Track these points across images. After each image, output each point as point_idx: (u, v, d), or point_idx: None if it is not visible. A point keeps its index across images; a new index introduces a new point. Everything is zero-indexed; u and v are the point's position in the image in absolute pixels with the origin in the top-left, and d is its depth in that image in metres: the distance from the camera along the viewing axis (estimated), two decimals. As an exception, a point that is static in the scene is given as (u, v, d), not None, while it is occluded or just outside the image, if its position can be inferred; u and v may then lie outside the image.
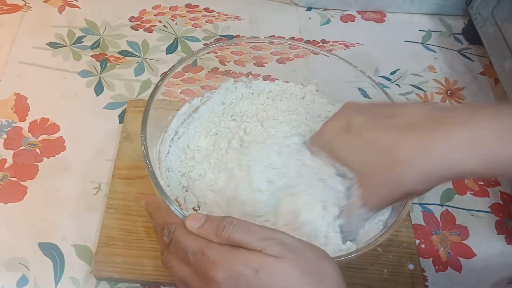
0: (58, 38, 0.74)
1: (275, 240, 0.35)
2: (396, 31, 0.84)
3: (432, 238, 0.59)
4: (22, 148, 0.61)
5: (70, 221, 0.56)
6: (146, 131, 0.46)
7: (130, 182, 0.57)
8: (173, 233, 0.38)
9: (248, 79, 0.60)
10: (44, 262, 0.53)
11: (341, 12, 0.86)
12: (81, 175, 0.60)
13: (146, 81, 0.70)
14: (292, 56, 0.62)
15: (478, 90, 0.77)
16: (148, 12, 0.81)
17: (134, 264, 0.51)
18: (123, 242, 0.53)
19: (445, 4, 0.85)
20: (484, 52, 0.79)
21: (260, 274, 0.33)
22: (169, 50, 0.75)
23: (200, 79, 0.59)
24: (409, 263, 0.54)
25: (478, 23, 0.78)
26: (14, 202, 0.57)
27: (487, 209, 0.63)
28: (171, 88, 0.54)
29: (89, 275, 0.52)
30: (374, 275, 0.53)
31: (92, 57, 0.73)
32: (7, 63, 0.70)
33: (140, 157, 0.52)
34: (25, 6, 0.78)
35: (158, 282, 0.52)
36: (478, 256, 0.58)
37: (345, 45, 0.80)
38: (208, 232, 0.36)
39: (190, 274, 0.36)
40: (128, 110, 0.64)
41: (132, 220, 0.54)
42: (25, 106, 0.66)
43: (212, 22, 0.81)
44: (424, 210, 0.62)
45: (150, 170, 0.44)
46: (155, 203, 0.42)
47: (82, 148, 0.62)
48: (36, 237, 0.54)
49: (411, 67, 0.78)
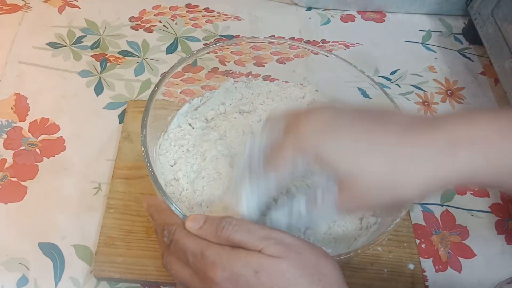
0: (58, 38, 0.74)
1: (274, 239, 0.35)
2: (396, 31, 0.84)
3: (432, 238, 0.59)
4: (22, 148, 0.61)
5: (70, 221, 0.56)
6: (146, 131, 0.47)
7: (130, 182, 0.57)
8: (173, 234, 0.38)
9: (248, 79, 0.60)
10: (44, 262, 0.53)
11: (341, 12, 0.86)
12: (81, 175, 0.60)
13: (146, 81, 0.70)
14: (292, 56, 0.61)
15: (478, 90, 0.77)
16: (148, 12, 0.81)
17: (134, 264, 0.51)
18: (123, 242, 0.53)
19: (445, 4, 0.85)
20: (484, 52, 0.79)
21: (260, 275, 0.33)
22: (169, 50, 0.75)
23: (200, 79, 0.59)
24: (409, 263, 0.54)
25: (478, 23, 0.78)
26: (14, 202, 0.57)
27: (487, 209, 0.63)
28: (171, 88, 0.54)
29: (89, 275, 0.52)
30: (374, 274, 0.53)
31: (92, 57, 0.73)
32: (7, 63, 0.70)
33: (140, 157, 0.52)
34: (25, 6, 0.78)
35: (158, 282, 0.52)
36: (478, 256, 0.58)
37: (345, 45, 0.80)
38: (207, 233, 0.36)
39: (190, 275, 0.36)
40: (128, 110, 0.64)
41: (132, 220, 0.54)
42: (25, 106, 0.66)
43: (212, 22, 0.81)
44: (424, 210, 0.62)
45: (150, 170, 0.44)
46: (156, 205, 0.42)
47: (82, 148, 0.62)
48: (36, 237, 0.54)
49: (411, 67, 0.78)
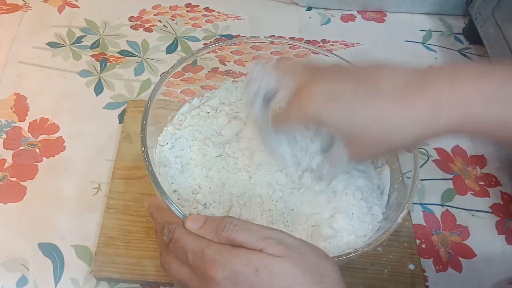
0: (58, 38, 0.74)
1: (275, 239, 0.35)
2: (397, 31, 0.84)
3: (432, 238, 0.59)
4: (21, 148, 0.61)
5: (69, 221, 0.56)
6: (146, 131, 0.46)
7: (129, 182, 0.57)
8: (173, 233, 0.38)
9: (248, 79, 0.60)
10: (44, 263, 0.53)
11: (342, 11, 0.86)
12: (80, 175, 0.60)
13: (146, 81, 0.70)
14: (292, 56, 0.61)
15: (479, 90, 0.77)
16: (148, 12, 0.81)
17: (133, 264, 0.51)
18: (123, 242, 0.53)
19: (445, 4, 0.85)
20: (485, 52, 0.79)
21: (260, 273, 0.33)
22: (169, 50, 0.75)
23: (200, 79, 0.59)
24: (409, 263, 0.54)
25: (478, 23, 0.78)
26: (13, 202, 0.57)
27: (487, 209, 0.63)
28: (171, 88, 0.54)
29: (88, 275, 0.52)
30: (374, 275, 0.53)
31: (92, 57, 0.72)
32: (6, 63, 0.70)
33: (139, 157, 0.52)
34: (24, 5, 0.78)
35: (158, 283, 0.51)
36: (479, 256, 0.58)
37: (345, 45, 0.80)
38: (208, 232, 0.36)
39: (189, 274, 0.36)
40: (128, 110, 0.64)
41: (132, 220, 0.54)
42: (24, 106, 0.65)
43: (212, 22, 0.80)
44: (425, 210, 0.61)
45: (149, 170, 0.43)
46: (157, 204, 0.42)
47: (81, 148, 0.62)
48: (36, 238, 0.54)
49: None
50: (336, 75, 0.41)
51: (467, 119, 0.36)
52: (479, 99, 0.35)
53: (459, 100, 0.36)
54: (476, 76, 0.36)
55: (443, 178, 0.65)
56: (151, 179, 0.43)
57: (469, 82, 0.36)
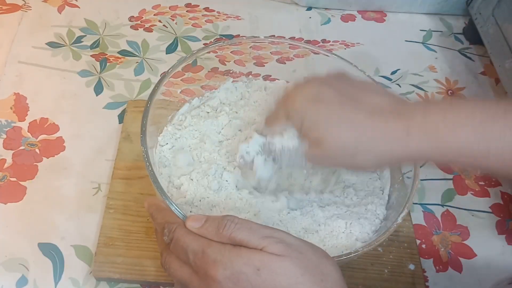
0: (58, 37, 0.74)
1: (276, 238, 0.35)
2: (397, 31, 0.84)
3: (432, 238, 0.59)
4: (21, 148, 0.61)
5: (69, 221, 0.56)
6: (146, 131, 0.46)
7: (129, 182, 0.57)
8: (173, 232, 0.38)
9: (248, 79, 0.59)
10: (44, 263, 0.53)
11: (342, 11, 0.86)
12: (80, 175, 0.60)
13: (146, 81, 0.70)
14: (293, 56, 0.61)
15: (479, 90, 0.77)
16: (148, 11, 0.81)
17: (133, 264, 0.51)
18: (122, 243, 0.53)
19: (445, 4, 0.85)
20: (485, 52, 0.79)
21: (261, 272, 0.33)
22: (169, 50, 0.75)
23: (200, 79, 0.59)
24: (409, 263, 0.54)
25: (478, 23, 0.78)
26: (13, 202, 0.57)
27: (487, 209, 0.63)
28: (171, 88, 0.54)
29: (88, 275, 0.52)
30: (374, 275, 0.53)
31: (92, 57, 0.72)
32: (6, 63, 0.70)
33: (139, 157, 0.52)
34: (24, 5, 0.78)
35: (158, 283, 0.51)
36: (479, 257, 0.58)
37: (345, 45, 0.80)
38: (209, 231, 0.36)
39: (190, 274, 0.36)
40: (128, 110, 0.64)
41: (132, 220, 0.54)
42: (24, 106, 0.65)
43: (212, 21, 0.80)
44: (425, 210, 0.61)
45: (149, 170, 0.43)
46: (157, 204, 0.42)
47: (81, 148, 0.62)
48: (36, 238, 0.54)
49: (411, 67, 0.78)
50: (323, 84, 0.43)
51: (437, 145, 0.39)
52: (449, 129, 0.38)
53: (430, 128, 0.38)
54: (445, 110, 0.39)
55: (443, 178, 0.65)
56: (151, 179, 0.43)
57: (439, 114, 0.39)
